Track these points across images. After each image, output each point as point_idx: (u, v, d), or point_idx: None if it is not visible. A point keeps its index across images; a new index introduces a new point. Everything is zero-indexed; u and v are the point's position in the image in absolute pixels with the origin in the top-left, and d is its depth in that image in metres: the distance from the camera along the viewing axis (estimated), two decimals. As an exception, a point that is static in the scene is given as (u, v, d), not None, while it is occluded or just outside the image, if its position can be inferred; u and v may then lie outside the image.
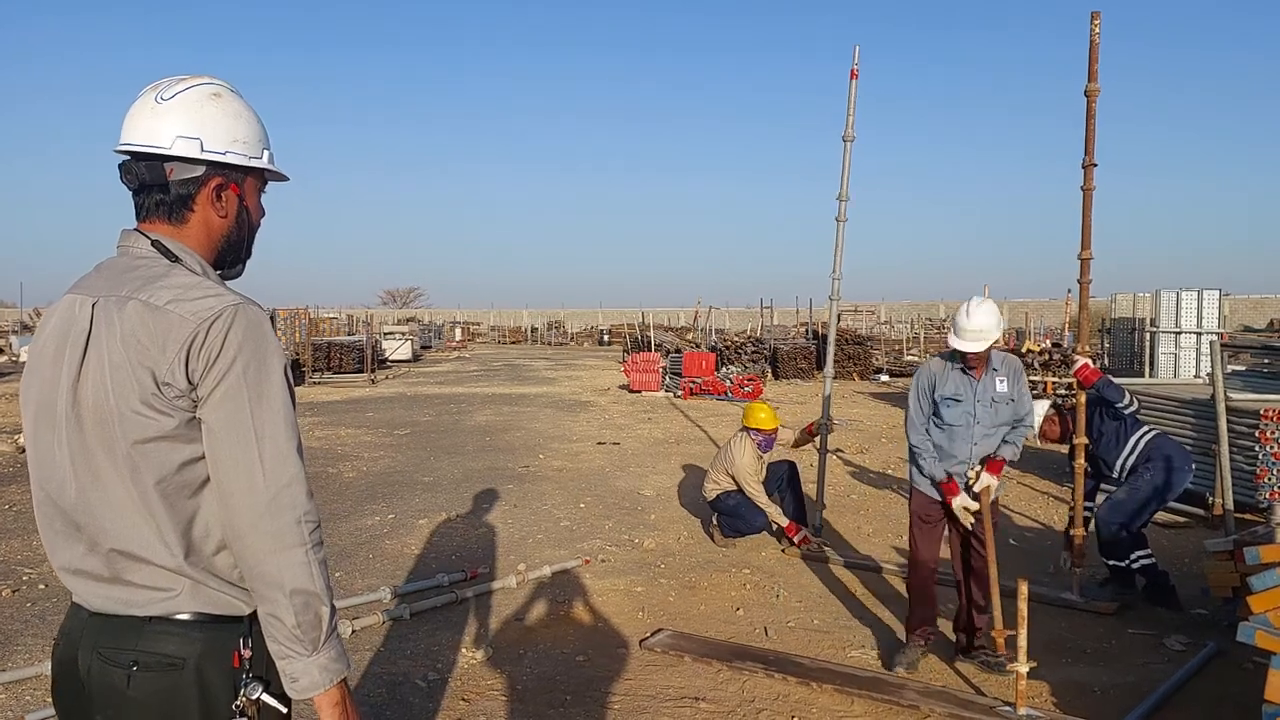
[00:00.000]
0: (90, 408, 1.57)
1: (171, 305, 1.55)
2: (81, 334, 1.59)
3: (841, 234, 7.10)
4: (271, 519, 1.54)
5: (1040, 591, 5.58)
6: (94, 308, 1.60)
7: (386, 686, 4.37)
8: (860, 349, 25.26)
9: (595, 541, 7.17)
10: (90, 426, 1.57)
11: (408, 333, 36.44)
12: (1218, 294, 15.53)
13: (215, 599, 1.60)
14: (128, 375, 1.54)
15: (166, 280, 1.60)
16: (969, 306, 4.67)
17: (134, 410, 1.54)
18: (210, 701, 1.58)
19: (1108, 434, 5.84)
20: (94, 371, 1.57)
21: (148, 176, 1.67)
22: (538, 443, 12.48)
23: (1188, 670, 4.51)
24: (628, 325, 44.16)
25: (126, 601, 1.59)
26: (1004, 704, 4.13)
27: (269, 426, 1.56)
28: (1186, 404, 8.27)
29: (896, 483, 9.66)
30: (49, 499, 1.64)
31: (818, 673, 4.54)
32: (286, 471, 1.56)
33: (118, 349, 1.55)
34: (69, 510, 1.61)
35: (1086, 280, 5.59)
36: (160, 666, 1.56)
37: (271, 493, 1.54)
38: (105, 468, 1.57)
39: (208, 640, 1.59)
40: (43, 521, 1.67)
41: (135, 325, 1.55)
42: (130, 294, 1.58)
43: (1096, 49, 5.38)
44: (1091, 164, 5.47)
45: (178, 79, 1.73)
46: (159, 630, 1.57)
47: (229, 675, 1.60)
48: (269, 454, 1.55)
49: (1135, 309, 19.39)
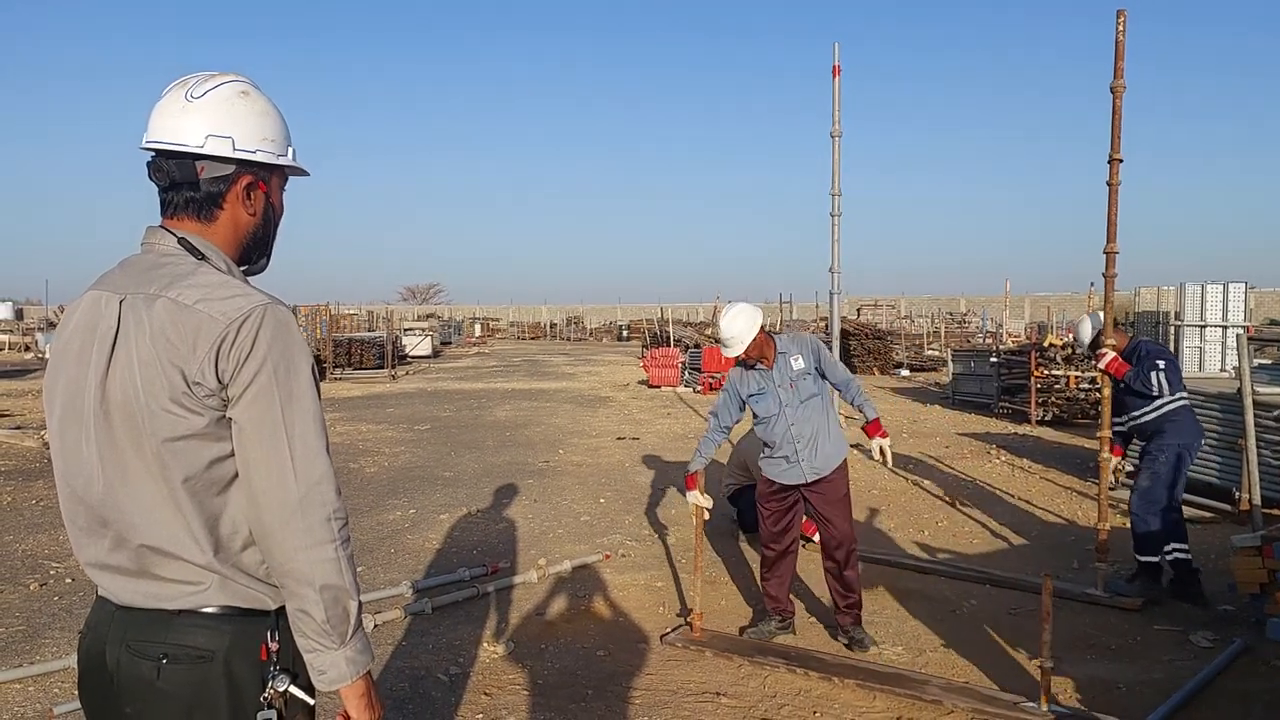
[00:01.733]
0: (119, 405, 1.58)
1: (201, 304, 1.56)
2: (109, 331, 1.60)
3: (837, 229, 7.08)
4: (302, 517, 1.55)
5: (1064, 587, 5.53)
6: (121, 305, 1.60)
7: (409, 681, 4.39)
8: (880, 344, 25.17)
9: (615, 536, 7.18)
10: (119, 423, 1.58)
11: (428, 329, 36.66)
12: (1243, 287, 15.32)
13: (243, 593, 1.62)
14: (157, 373, 1.55)
15: (194, 278, 1.60)
16: (723, 318, 4.96)
17: (163, 408, 1.55)
18: (238, 694, 1.59)
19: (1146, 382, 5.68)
20: (122, 369, 1.58)
21: (178, 174, 1.68)
22: (557, 438, 12.50)
23: (1214, 667, 4.45)
24: (647, 321, 44.18)
25: (155, 595, 1.60)
26: (1027, 700, 4.10)
27: (299, 426, 1.57)
28: (1212, 398, 8.18)
29: (917, 478, 9.61)
30: (75, 495, 1.65)
31: (839, 668, 4.52)
32: (316, 470, 1.58)
33: (147, 346, 1.56)
34: (96, 506, 1.62)
35: (1111, 274, 5.53)
36: (189, 659, 1.57)
37: (302, 491, 1.56)
38: (134, 464, 1.58)
39: (236, 633, 1.60)
40: (69, 517, 1.69)
41: (164, 323, 1.56)
42: (159, 291, 1.59)
43: (1122, 47, 5.36)
44: (1117, 159, 5.43)
45: (205, 76, 1.73)
46: (188, 623, 1.59)
47: (256, 668, 1.61)
48: (299, 453, 1.56)
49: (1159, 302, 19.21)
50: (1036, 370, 14.29)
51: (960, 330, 39.28)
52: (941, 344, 31.17)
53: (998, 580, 6.02)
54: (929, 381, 22.43)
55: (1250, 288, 15.93)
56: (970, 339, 33.52)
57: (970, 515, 8.00)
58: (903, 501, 8.55)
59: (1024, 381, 14.79)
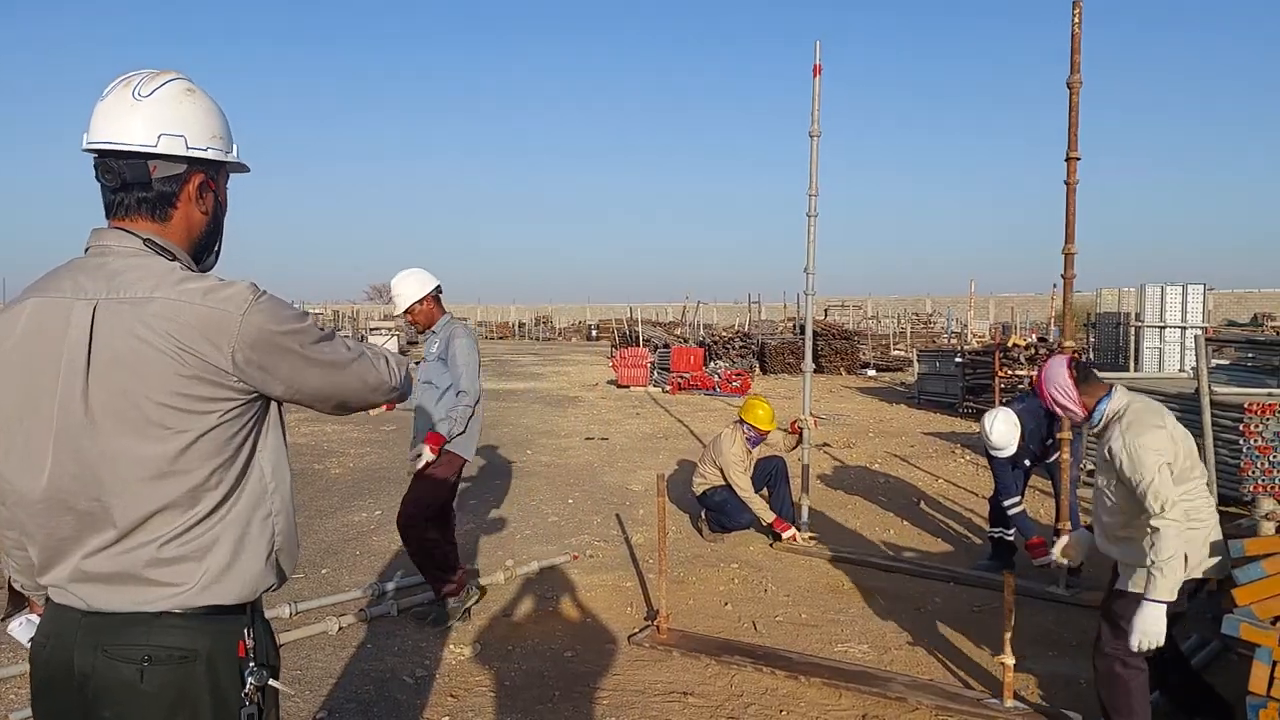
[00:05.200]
0: (107, 409, 1.54)
1: (207, 299, 1.56)
2: (82, 336, 1.55)
3: (813, 229, 7.09)
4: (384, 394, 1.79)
5: (1026, 585, 5.60)
6: (95, 311, 1.56)
7: (374, 683, 4.36)
8: (847, 344, 25.33)
9: (583, 537, 7.16)
10: (109, 431, 1.55)
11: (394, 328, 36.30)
12: (1202, 288, 15.58)
13: (221, 591, 1.62)
14: (158, 372, 1.53)
15: (178, 275, 1.60)
16: (396, 276, 5.13)
17: (160, 409, 1.54)
18: (220, 691, 1.61)
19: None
20: (109, 373, 1.54)
21: (129, 174, 1.65)
22: (526, 438, 12.46)
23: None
24: (616, 320, 44.14)
25: (136, 599, 1.58)
26: (991, 696, 4.15)
27: (342, 355, 1.71)
28: (1171, 398, 8.31)
29: (883, 476, 9.69)
30: (60, 505, 1.58)
31: (805, 666, 4.55)
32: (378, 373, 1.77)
33: (144, 348, 1.53)
34: (73, 516, 1.58)
35: (1071, 275, 5.60)
36: (173, 660, 1.58)
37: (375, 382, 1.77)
38: (126, 470, 1.55)
39: (215, 632, 1.62)
40: (18, 542, 1.66)
41: (170, 322, 1.53)
42: (148, 294, 1.56)
43: (1078, 40, 5.38)
44: (1074, 157, 5.48)
45: (150, 74, 1.71)
46: (168, 624, 1.59)
47: (236, 665, 1.63)
48: (357, 369, 1.73)
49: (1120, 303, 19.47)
50: (1000, 370, 14.47)
51: (926, 330, 39.59)
52: (907, 344, 31.45)
53: (961, 578, 6.09)
54: (895, 381, 22.61)
55: (1209, 289, 16.22)
56: (935, 339, 33.84)
57: (934, 514, 8.08)
58: (868, 500, 8.61)
59: (988, 381, 14.97)
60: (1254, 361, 10.96)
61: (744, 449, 7.08)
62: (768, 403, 7.21)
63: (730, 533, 7.11)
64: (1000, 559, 6.30)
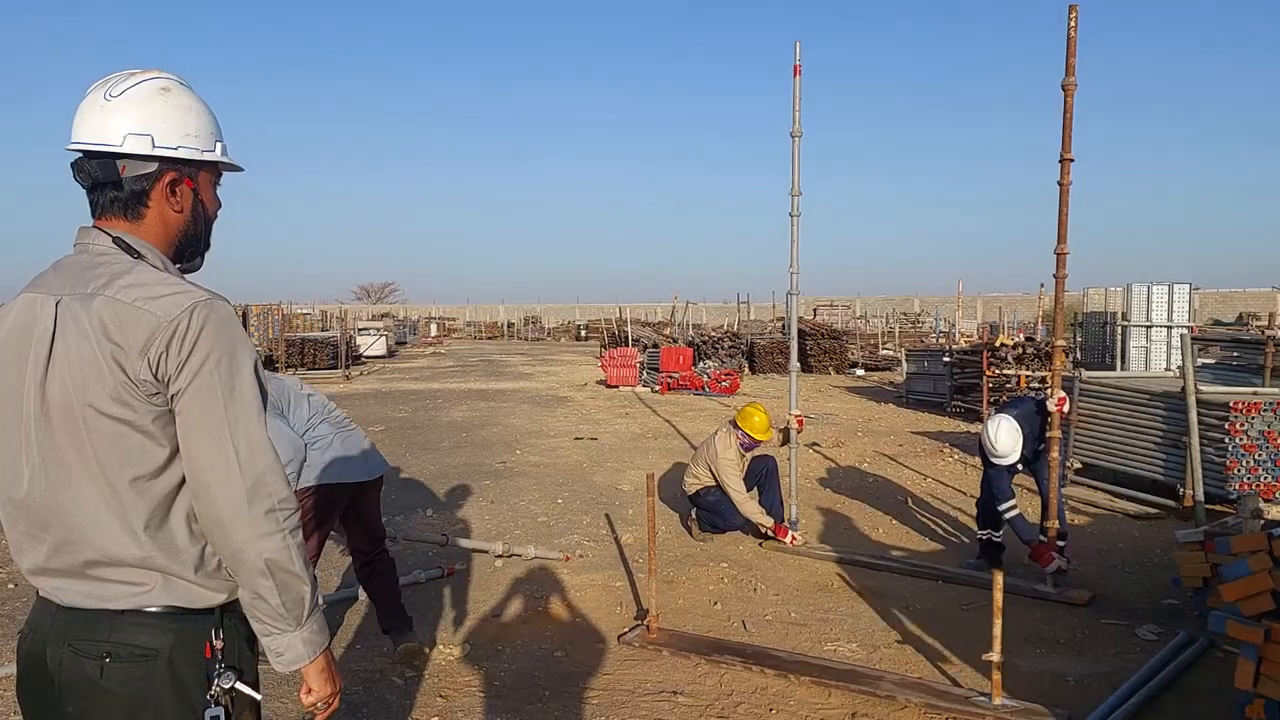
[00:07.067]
0: (59, 406, 1.57)
1: (140, 302, 1.56)
2: (46, 333, 1.59)
3: (796, 229, 7.09)
4: (250, 508, 1.57)
5: (1014, 583, 5.62)
6: (58, 306, 1.59)
7: (363, 684, 4.34)
8: (835, 343, 25.38)
9: (573, 537, 7.16)
10: (60, 425, 1.57)
11: (383, 328, 36.22)
12: (1188, 288, 15.69)
13: (186, 592, 1.62)
14: (98, 372, 1.54)
15: (131, 276, 1.60)
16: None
17: (104, 408, 1.55)
18: (183, 691, 1.61)
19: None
20: (61, 369, 1.57)
21: (100, 174, 1.68)
22: (515, 438, 12.43)
23: (1159, 659, 4.56)
24: (605, 320, 44.12)
25: (99, 596, 1.60)
26: (979, 694, 4.17)
27: (242, 420, 1.59)
28: (1157, 397, 8.36)
29: (872, 476, 9.72)
30: (15, 501, 1.63)
31: (795, 665, 4.55)
32: (262, 460, 1.59)
33: (86, 346, 1.55)
34: (38, 510, 1.61)
35: (1062, 275, 5.62)
36: (133, 657, 1.59)
37: (249, 482, 1.57)
38: (75, 466, 1.57)
39: (179, 632, 1.61)
40: (8, 524, 1.67)
41: (104, 322, 1.55)
42: (96, 290, 1.58)
43: (1074, 44, 5.39)
44: (1068, 158, 5.49)
45: (126, 74, 1.72)
46: (131, 623, 1.60)
47: (201, 666, 1.63)
48: (244, 445, 1.58)
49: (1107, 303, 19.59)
50: (988, 369, 14.52)
51: (914, 330, 39.74)
52: (896, 344, 31.54)
53: (950, 577, 6.11)
54: (883, 381, 22.66)
55: (1195, 289, 16.33)
56: (924, 339, 33.92)
57: (923, 513, 8.11)
58: (857, 499, 8.63)
59: (976, 381, 15.01)
60: (1239, 360, 11.04)
61: (738, 452, 7.07)
62: (765, 411, 7.21)
63: (721, 533, 7.11)
64: (989, 558, 6.30)
